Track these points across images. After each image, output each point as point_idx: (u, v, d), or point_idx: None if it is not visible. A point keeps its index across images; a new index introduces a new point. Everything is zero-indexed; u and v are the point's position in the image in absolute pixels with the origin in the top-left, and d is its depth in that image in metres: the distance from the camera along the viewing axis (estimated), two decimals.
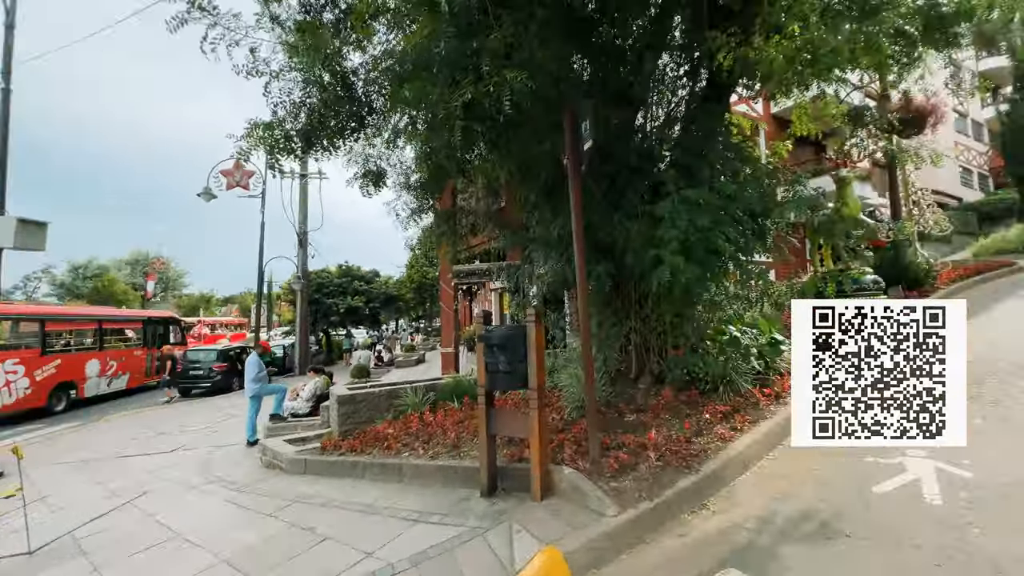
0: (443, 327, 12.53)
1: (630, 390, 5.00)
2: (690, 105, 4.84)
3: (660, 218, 4.09)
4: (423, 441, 4.69)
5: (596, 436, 3.49)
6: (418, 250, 6.79)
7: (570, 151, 3.60)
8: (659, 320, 4.77)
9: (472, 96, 3.21)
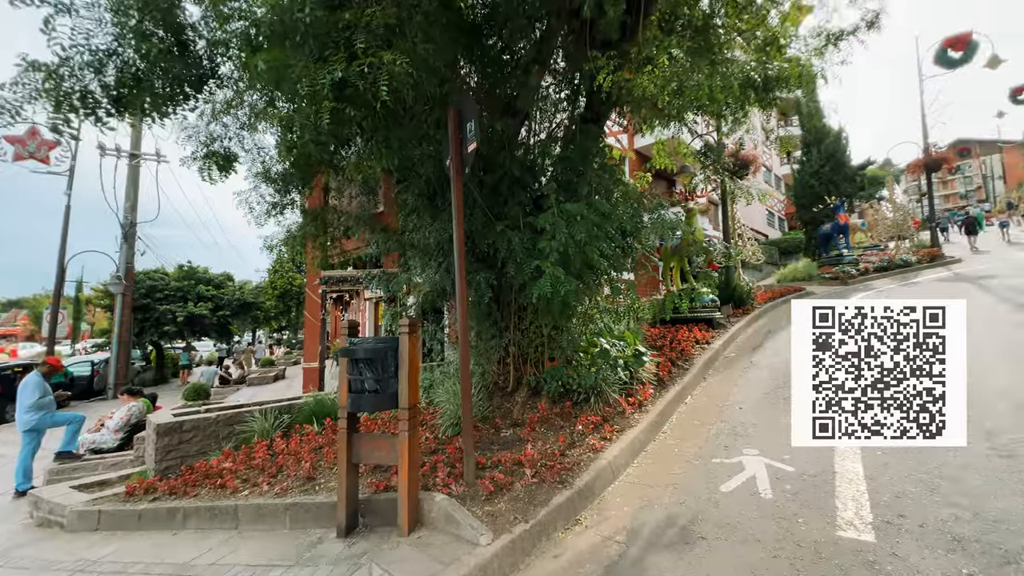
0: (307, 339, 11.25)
1: (507, 404, 4.91)
2: (571, 124, 5.02)
3: (541, 230, 4.10)
4: (270, 475, 3.96)
5: (471, 457, 3.26)
6: (276, 251, 5.90)
7: (453, 152, 3.40)
8: (537, 332, 4.78)
9: (343, 76, 2.82)
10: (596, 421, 4.23)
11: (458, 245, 3.37)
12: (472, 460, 3.28)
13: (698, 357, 6.55)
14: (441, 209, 4.55)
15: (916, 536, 2.39)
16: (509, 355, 4.91)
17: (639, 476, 3.56)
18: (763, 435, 3.96)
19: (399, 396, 2.95)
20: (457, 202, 3.39)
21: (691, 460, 3.68)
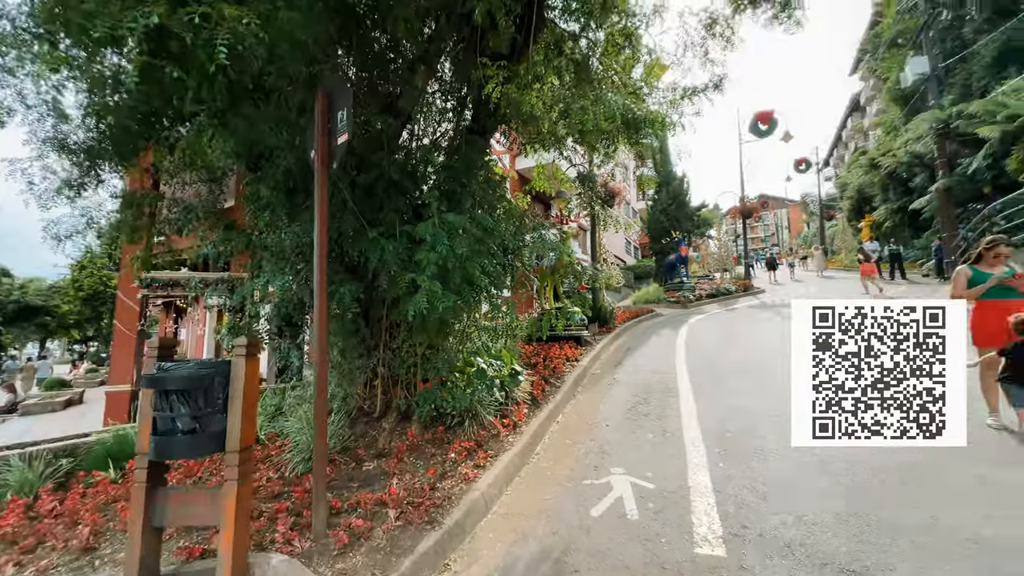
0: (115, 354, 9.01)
1: (372, 431, 4.40)
2: (456, 133, 4.82)
3: (420, 240, 3.78)
4: (22, 551, 2.86)
5: (323, 503, 2.74)
6: (67, 241, 4.55)
7: (320, 142, 2.91)
8: (410, 351, 4.39)
9: (162, 23, 2.19)
10: (470, 447, 3.98)
11: (320, 250, 2.87)
12: (324, 506, 2.76)
13: (569, 375, 6.77)
14: (302, 208, 3.94)
15: (757, 546, 2.60)
16: (378, 376, 4.42)
17: (512, 505, 3.40)
18: (627, 452, 4.13)
19: (227, 436, 2.33)
20: (321, 200, 2.90)
21: (563, 483, 3.65)
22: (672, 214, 22.63)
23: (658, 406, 5.36)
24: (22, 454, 3.87)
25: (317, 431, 2.83)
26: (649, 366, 7.48)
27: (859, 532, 2.65)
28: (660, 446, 4.21)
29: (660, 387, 6.16)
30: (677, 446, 4.16)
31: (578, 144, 5.94)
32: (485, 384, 4.62)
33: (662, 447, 4.18)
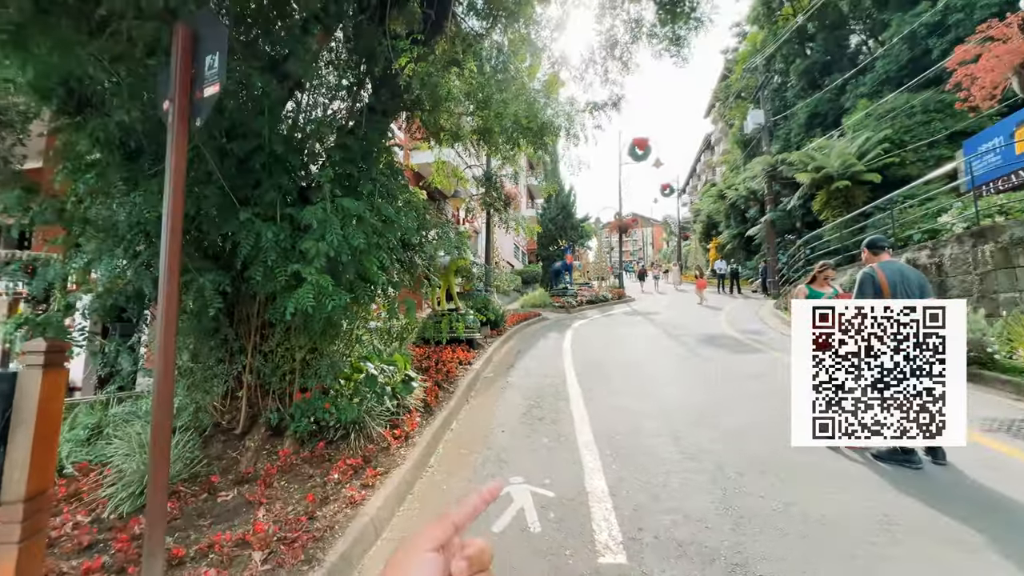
0: None
1: (232, 451, 3.67)
2: (353, 110, 4.29)
3: (306, 227, 3.24)
4: None
5: (160, 551, 2.12)
6: None
7: (180, 92, 2.28)
8: (287, 356, 3.76)
9: None
10: (357, 464, 3.53)
11: (171, 229, 2.24)
12: (161, 557, 2.13)
13: (462, 379, 6.56)
14: (147, 174, 3.11)
15: (654, 549, 2.68)
16: (243, 386, 3.70)
17: (406, 528, 3.06)
18: (525, 460, 4.06)
19: (4, 481, 1.63)
20: (177, 166, 2.27)
21: (461, 497, 3.40)
22: (560, 223, 23.86)
23: (551, 410, 5.43)
24: None
25: (153, 455, 2.19)
26: (540, 369, 7.62)
27: (735, 524, 2.89)
28: (556, 451, 4.23)
29: (551, 390, 6.28)
30: (572, 450, 4.21)
31: (482, 143, 5.80)
32: (376, 392, 4.17)
33: (558, 452, 4.20)
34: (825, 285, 4.80)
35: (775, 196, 20.28)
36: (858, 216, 13.62)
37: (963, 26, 13.85)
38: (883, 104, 15.98)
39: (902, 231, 10.24)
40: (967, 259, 7.25)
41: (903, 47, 16.37)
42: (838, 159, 15.26)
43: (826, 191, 15.54)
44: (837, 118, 19.40)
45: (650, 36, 6.08)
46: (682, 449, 4.12)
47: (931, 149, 14.35)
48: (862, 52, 21.56)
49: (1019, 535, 2.64)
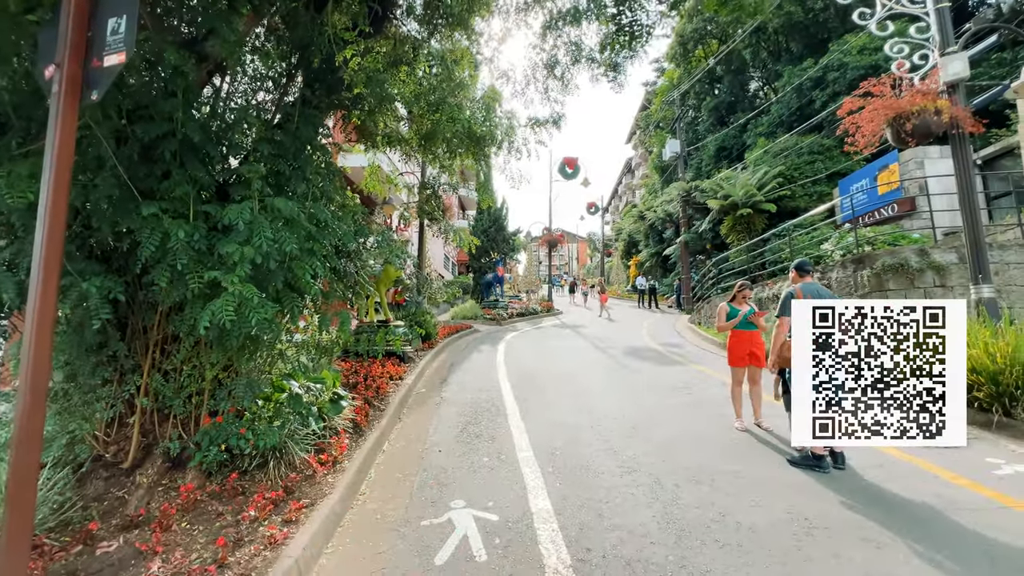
0: None
1: (118, 490, 3.08)
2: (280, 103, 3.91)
3: (226, 227, 2.85)
4: None
5: None
6: None
7: (70, 58, 1.88)
8: (194, 375, 3.26)
9: None
10: (277, 497, 3.13)
11: (50, 222, 1.82)
12: None
13: (394, 395, 6.22)
14: (16, 155, 2.55)
15: (602, 568, 2.64)
16: (135, 410, 3.13)
17: (336, 568, 2.74)
18: (465, 481, 3.88)
19: None
20: (62, 145, 1.86)
21: (398, 527, 3.15)
22: (492, 236, 23.96)
23: (488, 426, 5.30)
24: None
25: (14, 501, 1.73)
26: (474, 383, 7.46)
27: (678, 538, 2.95)
28: (496, 470, 4.09)
29: (487, 405, 6.15)
30: (513, 468, 4.10)
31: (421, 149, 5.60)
32: (300, 413, 3.76)
33: (499, 471, 4.07)
34: (743, 303, 5.20)
35: (689, 219, 22.08)
36: (758, 242, 15.22)
37: (838, 82, 16.24)
38: (777, 143, 18.13)
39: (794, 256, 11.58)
40: (850, 282, 8.34)
41: (792, 96, 18.77)
42: (742, 189, 17.01)
43: (732, 217, 17.21)
44: (741, 152, 21.66)
45: (589, 60, 6.32)
46: (620, 463, 4.18)
47: (815, 185, 16.52)
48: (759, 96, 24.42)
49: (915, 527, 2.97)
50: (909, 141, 5.58)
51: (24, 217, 2.59)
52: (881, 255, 7.83)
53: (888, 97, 5.77)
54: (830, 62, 16.87)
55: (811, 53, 18.86)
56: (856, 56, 16.04)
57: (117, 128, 2.83)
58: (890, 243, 8.99)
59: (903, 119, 5.43)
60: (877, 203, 12.05)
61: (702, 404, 6.01)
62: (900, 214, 11.43)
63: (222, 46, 3.12)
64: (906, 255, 7.55)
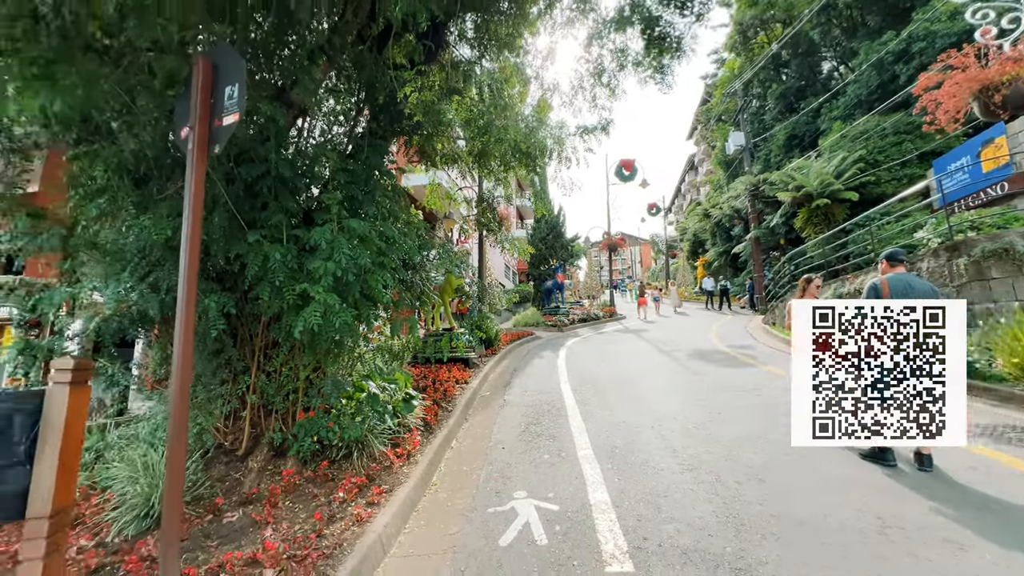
0: None
1: (235, 473, 3.66)
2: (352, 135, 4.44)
3: (312, 248, 3.34)
4: None
5: (175, 572, 2.13)
6: None
7: (200, 120, 2.39)
8: (291, 376, 3.80)
9: None
10: (361, 483, 3.55)
11: (190, 250, 2.32)
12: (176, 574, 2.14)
13: (459, 397, 6.59)
14: (158, 199, 3.20)
15: (659, 556, 2.74)
16: (246, 406, 3.72)
17: (413, 545, 3.08)
18: (527, 474, 4.09)
19: (31, 497, 1.67)
20: (196, 191, 2.37)
21: (466, 513, 3.44)
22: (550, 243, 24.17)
23: (550, 426, 5.48)
24: None
25: (169, 475, 2.21)
26: (536, 387, 7.67)
27: (736, 531, 2.96)
28: (557, 466, 4.27)
29: (548, 407, 6.33)
30: (572, 464, 4.26)
31: (477, 165, 5.99)
32: (378, 411, 4.20)
33: (559, 467, 4.24)
34: (815, 296, 4.98)
35: (759, 214, 20.86)
36: (839, 232, 14.08)
37: (926, 53, 14.69)
38: (856, 126, 16.71)
39: (880, 246, 10.62)
40: (943, 272, 7.56)
41: (872, 73, 17.23)
42: (817, 178, 15.84)
43: (807, 209, 16.06)
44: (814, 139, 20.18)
45: (636, 64, 6.41)
46: (681, 461, 4.19)
47: (904, 168, 14.99)
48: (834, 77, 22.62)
49: (1007, 532, 2.75)
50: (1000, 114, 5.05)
51: (163, 249, 3.23)
52: (980, 240, 7.03)
53: (972, 68, 5.27)
54: (914, 32, 15.35)
55: (892, 25, 17.26)
56: (946, 23, 14.47)
57: (227, 171, 3.43)
58: (1000, 226, 8.01)
59: (991, 90, 4.94)
60: (982, 182, 10.74)
61: (773, 405, 5.77)
62: (1012, 192, 10.11)
63: (303, 93, 3.67)
64: (1011, 239, 6.72)
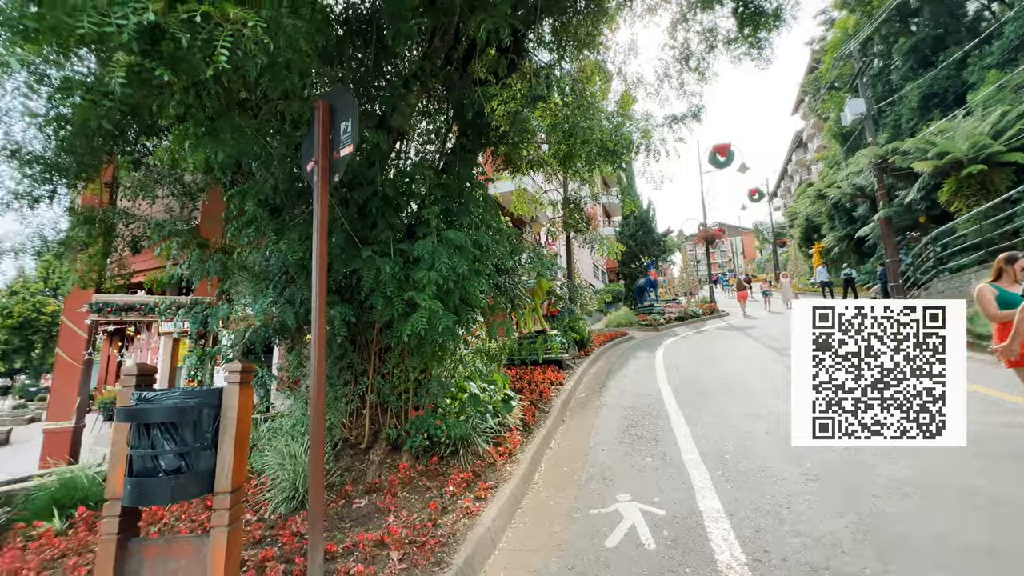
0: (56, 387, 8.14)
1: (359, 464, 4.09)
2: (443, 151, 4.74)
3: (415, 259, 3.63)
4: None
5: (319, 550, 2.46)
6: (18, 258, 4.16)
7: (321, 155, 2.76)
8: (403, 377, 4.15)
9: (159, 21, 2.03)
10: (468, 478, 3.76)
11: (319, 267, 2.68)
12: (320, 552, 2.47)
13: (556, 399, 6.64)
14: (290, 225, 3.72)
15: (783, 571, 2.52)
16: (366, 405, 4.15)
17: (520, 540, 3.19)
18: (630, 478, 4.01)
19: (217, 475, 2.05)
20: (322, 216, 2.72)
21: (569, 513, 3.47)
22: (640, 240, 23.32)
23: (650, 429, 5.30)
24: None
25: (313, 464, 2.56)
26: (633, 389, 7.45)
27: (878, 552, 2.62)
28: (661, 470, 4.12)
29: (648, 409, 6.12)
30: (678, 469, 4.08)
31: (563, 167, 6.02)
32: (479, 410, 4.42)
33: (663, 471, 4.09)
34: (1015, 283, 3.93)
35: (888, 190, 18.07)
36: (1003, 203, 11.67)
37: None
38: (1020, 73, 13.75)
39: None
40: None
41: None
42: (967, 141, 13.32)
43: (955, 179, 13.58)
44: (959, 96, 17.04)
45: (728, 43, 5.97)
46: (804, 470, 3.80)
47: None
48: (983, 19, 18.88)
49: None
50: None
51: (297, 268, 3.74)
52: None
53: None
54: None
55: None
56: None
57: (342, 196, 3.87)
58: None
59: None
60: None
61: None
62: None
63: (401, 118, 4.02)
64: None
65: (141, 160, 4.52)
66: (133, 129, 4.00)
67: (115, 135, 3.83)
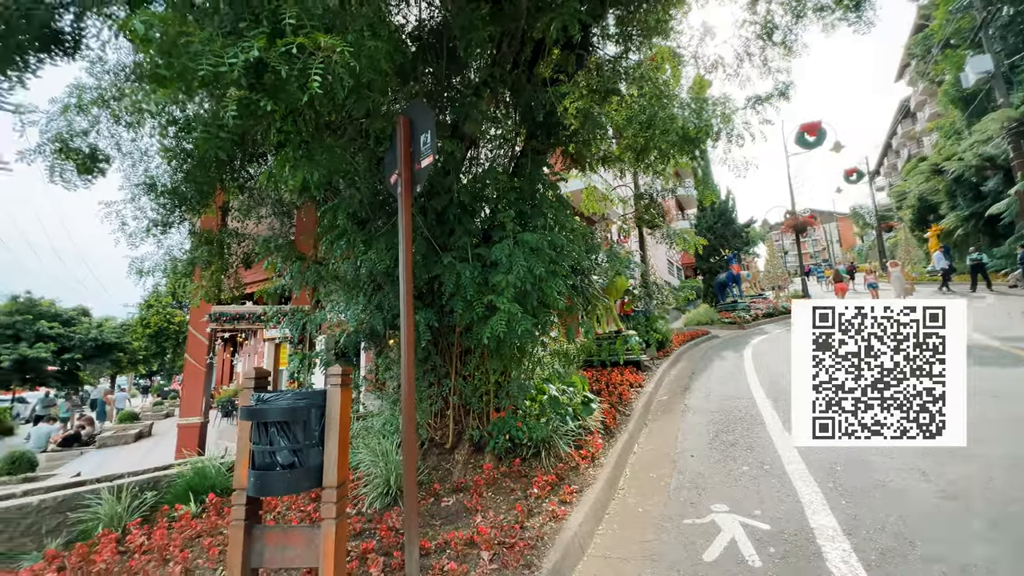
0: (186, 388, 9.36)
1: (445, 464, 4.22)
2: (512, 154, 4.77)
3: (492, 263, 3.68)
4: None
5: (415, 545, 2.56)
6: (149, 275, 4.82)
7: (404, 167, 2.89)
8: (483, 379, 4.23)
9: (262, 56, 2.24)
10: (552, 481, 3.72)
11: (405, 274, 2.80)
12: (416, 548, 2.58)
13: (636, 401, 6.41)
14: (376, 235, 3.94)
15: None
16: (449, 406, 4.28)
17: (609, 547, 3.09)
18: (725, 487, 3.74)
19: (324, 470, 2.21)
20: (406, 225, 2.85)
21: (660, 522, 3.31)
22: (719, 232, 21.93)
23: (744, 435, 4.92)
24: (111, 487, 3.94)
25: (406, 461, 2.68)
26: (720, 391, 6.98)
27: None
28: (760, 480, 3.80)
29: (740, 415, 5.69)
30: (781, 481, 3.74)
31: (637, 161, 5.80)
32: (559, 413, 4.38)
33: (763, 482, 3.77)
34: None
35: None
36: None
37: None
38: None
39: None
40: None
41: None
42: None
43: None
44: None
45: (818, 10, 5.40)
46: (937, 488, 3.30)
47: None
48: None
49: None
50: None
51: (384, 276, 3.96)
52: None
53: None
54: None
55: None
56: None
57: (422, 206, 4.03)
58: None
59: None
60: None
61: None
62: None
63: (473, 126, 4.10)
64: None
65: (246, 184, 5.06)
66: (239, 158, 4.49)
67: (226, 163, 4.33)
